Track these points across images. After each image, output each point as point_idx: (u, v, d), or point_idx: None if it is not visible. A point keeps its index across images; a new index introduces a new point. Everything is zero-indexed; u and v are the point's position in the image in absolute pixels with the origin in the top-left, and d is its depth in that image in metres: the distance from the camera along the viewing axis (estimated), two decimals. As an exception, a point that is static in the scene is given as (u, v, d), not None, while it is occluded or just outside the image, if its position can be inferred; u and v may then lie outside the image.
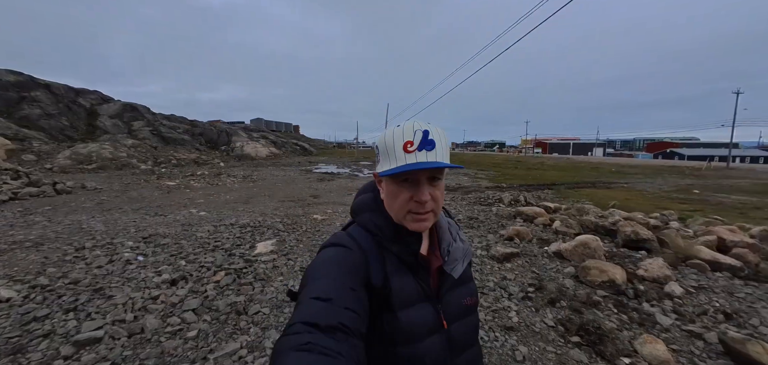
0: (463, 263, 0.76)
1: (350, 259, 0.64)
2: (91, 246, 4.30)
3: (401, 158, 0.63)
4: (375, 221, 0.71)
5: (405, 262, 0.69)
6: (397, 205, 0.67)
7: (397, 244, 0.69)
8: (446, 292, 0.74)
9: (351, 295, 0.58)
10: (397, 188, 0.66)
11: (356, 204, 0.77)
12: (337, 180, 15.20)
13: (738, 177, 21.56)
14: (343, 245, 0.67)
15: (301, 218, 6.57)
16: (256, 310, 2.70)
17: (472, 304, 0.78)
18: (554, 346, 2.31)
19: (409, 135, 0.63)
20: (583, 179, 18.05)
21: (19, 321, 2.42)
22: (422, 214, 0.65)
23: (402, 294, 0.66)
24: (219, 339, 2.30)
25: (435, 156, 0.63)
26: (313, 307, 0.54)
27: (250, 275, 3.44)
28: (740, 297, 3.11)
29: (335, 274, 0.60)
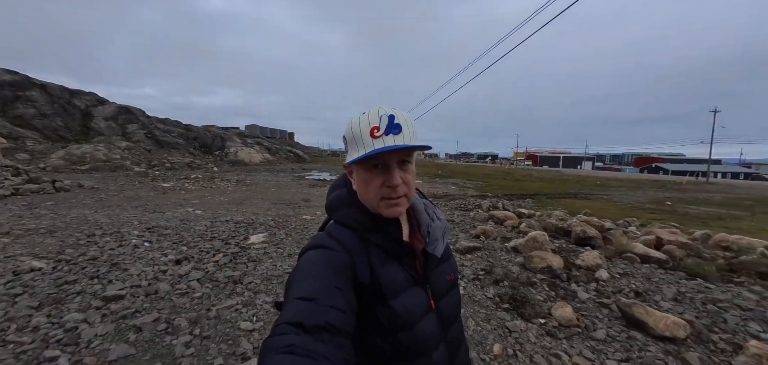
0: (443, 241, 0.78)
1: (334, 259, 0.64)
2: (100, 234, 4.82)
3: (369, 144, 0.64)
4: (352, 216, 0.71)
5: (389, 251, 0.70)
6: (370, 192, 0.67)
7: (378, 234, 0.69)
8: (432, 272, 0.75)
9: (337, 294, 0.58)
10: (368, 175, 0.66)
11: (331, 201, 0.77)
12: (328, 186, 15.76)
13: (714, 191, 22.62)
14: (325, 247, 0.66)
15: (291, 217, 7.13)
16: (249, 280, 3.28)
17: (454, 279, 0.81)
18: (486, 309, 2.93)
19: (375, 120, 0.64)
20: (566, 191, 18.88)
21: (53, 283, 2.96)
22: (395, 199, 0.66)
23: (392, 283, 0.67)
24: (219, 298, 2.88)
25: (402, 139, 0.64)
26: (297, 307, 0.54)
27: (244, 257, 4.01)
28: (654, 280, 3.78)
29: (319, 274, 0.60)
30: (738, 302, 3.24)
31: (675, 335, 2.54)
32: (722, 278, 4.00)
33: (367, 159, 0.63)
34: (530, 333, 2.58)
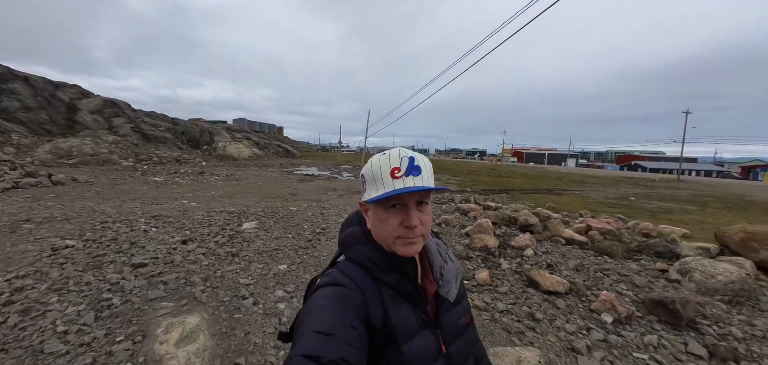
0: (456, 284, 0.78)
1: (349, 297, 0.65)
2: (111, 221, 5.62)
3: (389, 184, 0.65)
4: (367, 255, 0.71)
5: (402, 292, 0.70)
6: (386, 231, 0.68)
7: (393, 274, 0.70)
8: (444, 316, 0.76)
9: (352, 331, 0.59)
10: (385, 214, 0.68)
11: (344, 238, 0.78)
12: (316, 181, 16.56)
13: (682, 188, 24.32)
14: (340, 284, 0.67)
15: (279, 209, 7.99)
16: (244, 254, 4.19)
17: (466, 322, 0.81)
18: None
19: (396, 162, 0.67)
20: (542, 187, 20.18)
21: (88, 256, 3.81)
22: (412, 238, 0.67)
23: (404, 327, 0.67)
24: (222, 265, 3.79)
25: (421, 181, 0.67)
26: (314, 340, 0.55)
27: (239, 239, 4.90)
28: (567, 256, 4.84)
29: (335, 310, 0.61)
30: (620, 270, 4.32)
31: (557, 290, 3.58)
32: (625, 255, 5.09)
33: (386, 199, 0.65)
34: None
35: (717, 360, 2.57)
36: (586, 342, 2.64)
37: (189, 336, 2.27)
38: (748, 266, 4.39)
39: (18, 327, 2.38)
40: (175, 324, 2.39)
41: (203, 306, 2.84)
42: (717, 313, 3.25)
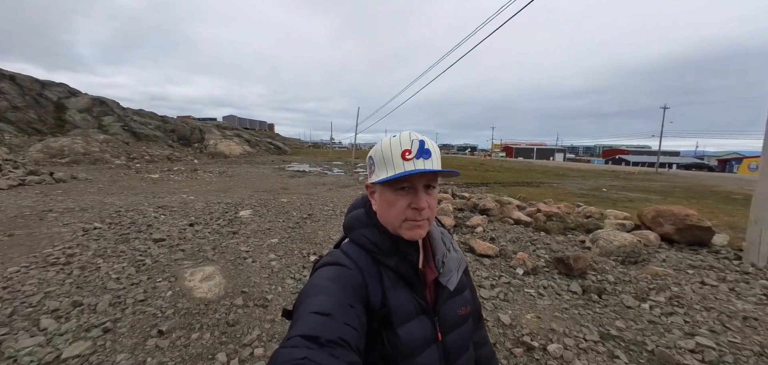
0: (457, 274, 0.79)
1: (348, 277, 0.66)
2: (124, 210, 6.54)
3: (400, 165, 0.66)
4: (370, 237, 0.73)
5: (402, 276, 0.72)
6: (393, 213, 0.69)
7: (394, 257, 0.71)
8: (442, 304, 0.76)
9: (350, 311, 0.60)
10: (394, 196, 0.69)
11: (349, 220, 0.79)
12: (306, 177, 17.49)
13: (657, 180, 25.86)
14: (341, 264, 0.69)
15: (272, 201, 8.95)
16: (243, 232, 5.21)
17: (466, 313, 0.81)
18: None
19: (407, 144, 0.68)
20: (523, 180, 21.44)
21: (115, 234, 4.77)
22: (419, 221, 0.69)
23: (401, 310, 0.69)
24: (225, 239, 4.79)
25: (431, 164, 0.68)
26: (312, 321, 0.56)
27: (237, 222, 5.90)
28: (509, 232, 5.93)
29: (334, 291, 0.62)
30: (546, 241, 5.44)
31: (488, 253, 4.66)
32: (559, 232, 6.22)
33: (395, 181, 0.67)
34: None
35: (587, 294, 3.67)
36: (491, 283, 3.72)
37: (208, 277, 3.27)
38: (652, 237, 5.57)
39: (82, 276, 3.36)
40: (196, 271, 3.39)
41: (215, 262, 3.85)
42: (604, 267, 4.38)
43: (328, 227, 5.88)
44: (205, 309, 2.82)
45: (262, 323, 2.70)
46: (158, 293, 3.06)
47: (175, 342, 2.36)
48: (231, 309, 2.87)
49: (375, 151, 0.72)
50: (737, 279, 4.19)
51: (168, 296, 3.00)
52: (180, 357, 2.21)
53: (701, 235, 5.57)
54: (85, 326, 2.51)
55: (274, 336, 2.54)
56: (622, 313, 3.23)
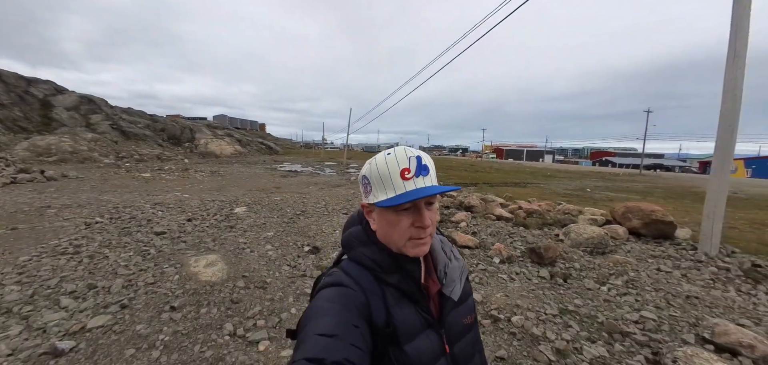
0: (460, 283, 0.79)
1: (351, 297, 0.66)
2: (122, 207, 6.75)
3: (400, 186, 0.65)
4: (369, 256, 0.72)
5: (405, 292, 0.71)
6: (396, 233, 0.68)
7: (396, 275, 0.71)
8: (448, 315, 0.76)
9: (355, 332, 0.60)
10: (396, 216, 0.67)
11: (347, 238, 0.78)
12: (298, 177, 17.72)
13: (640, 181, 26.82)
14: (343, 284, 0.69)
15: (265, 199, 9.23)
16: (239, 227, 5.52)
17: (471, 322, 0.81)
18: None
19: (404, 162, 0.67)
20: (511, 181, 22.06)
21: (117, 227, 5.04)
22: (424, 238, 0.68)
23: (406, 327, 0.68)
24: (223, 232, 5.09)
25: (431, 181, 0.68)
26: (317, 343, 0.56)
27: (233, 218, 6.20)
28: (490, 227, 6.37)
29: (337, 311, 0.62)
30: (523, 234, 5.89)
31: (468, 244, 5.07)
32: (537, 226, 6.68)
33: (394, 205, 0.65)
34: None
35: (554, 278, 4.11)
36: (468, 269, 4.13)
37: (210, 263, 3.59)
38: (620, 231, 6.08)
39: (92, 264, 3.64)
40: (200, 259, 3.71)
41: (216, 252, 4.16)
42: (572, 256, 4.83)
43: (320, 222, 6.22)
44: (211, 290, 3.15)
45: (263, 301, 3.04)
46: (166, 277, 3.37)
47: (186, 315, 2.69)
48: (234, 290, 3.21)
49: (370, 171, 0.71)
50: (690, 266, 4.69)
51: (176, 279, 3.31)
52: (192, 327, 2.54)
53: (665, 229, 6.09)
54: (102, 304, 2.82)
55: (273, 311, 2.89)
56: (582, 294, 3.67)
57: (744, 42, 4.93)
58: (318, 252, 4.52)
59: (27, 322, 2.52)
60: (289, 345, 2.37)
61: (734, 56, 4.95)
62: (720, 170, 5.16)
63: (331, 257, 4.38)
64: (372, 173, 0.70)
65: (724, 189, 5.16)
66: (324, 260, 4.25)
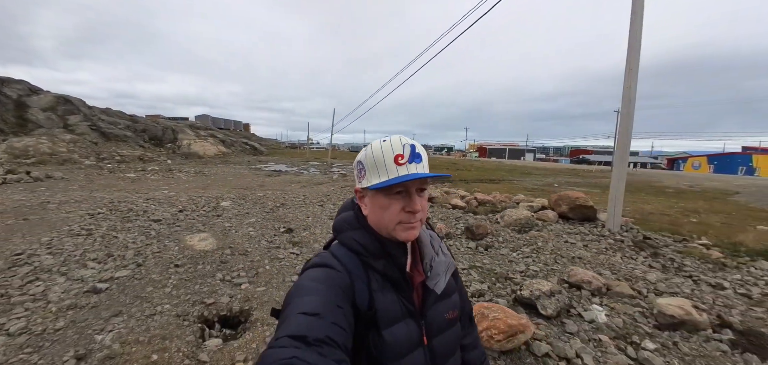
0: (445, 277, 0.81)
1: (336, 279, 0.68)
2: (117, 202, 7.58)
3: (393, 170, 0.69)
4: (358, 240, 0.75)
5: (390, 278, 0.74)
6: (387, 216, 0.72)
7: (382, 260, 0.74)
8: (429, 308, 0.79)
9: (338, 311, 0.62)
10: (388, 200, 0.71)
11: (338, 222, 0.81)
12: (282, 176, 18.57)
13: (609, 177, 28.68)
14: (328, 266, 0.71)
15: (249, 195, 10.15)
16: (226, 216, 6.51)
17: (454, 317, 0.84)
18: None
19: (399, 148, 0.70)
20: (486, 177, 23.48)
21: (118, 217, 5.93)
22: (413, 223, 0.72)
23: (387, 312, 0.71)
24: (212, 220, 6.05)
25: (423, 168, 0.72)
26: (300, 321, 0.58)
27: (219, 210, 7.15)
28: (443, 214, 7.53)
29: (322, 291, 0.64)
30: (468, 218, 7.07)
31: (419, 226, 6.20)
32: (485, 213, 7.89)
33: (389, 186, 0.68)
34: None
35: (479, 248, 5.26)
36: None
37: (203, 239, 4.59)
38: (550, 214, 7.34)
39: (106, 241, 4.58)
40: (194, 235, 4.71)
41: (207, 232, 5.15)
42: (501, 233, 6.03)
43: (297, 212, 7.24)
44: (204, 255, 4.16)
45: (244, 262, 4.08)
46: (168, 248, 4.35)
47: (187, 269, 3.71)
48: (222, 255, 4.23)
49: (365, 156, 0.74)
50: (593, 239, 5.97)
51: (176, 249, 4.30)
52: (192, 276, 3.56)
53: (587, 212, 7.40)
54: (121, 264, 3.79)
55: (252, 268, 3.93)
56: (495, 257, 4.84)
57: (636, 58, 6.25)
58: (291, 232, 5.57)
59: (66, 276, 3.47)
60: (266, 303, 3.38)
61: (629, 70, 6.27)
62: (620, 162, 6.48)
63: (302, 236, 5.43)
64: (367, 158, 0.73)
65: (623, 178, 6.49)
66: (296, 238, 5.29)
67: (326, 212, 7.45)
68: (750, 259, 5.26)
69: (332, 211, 7.66)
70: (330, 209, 7.85)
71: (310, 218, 6.75)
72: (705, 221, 8.27)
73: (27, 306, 2.87)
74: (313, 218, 6.72)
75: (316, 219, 6.66)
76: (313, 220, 6.58)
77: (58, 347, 2.35)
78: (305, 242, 5.05)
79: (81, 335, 2.49)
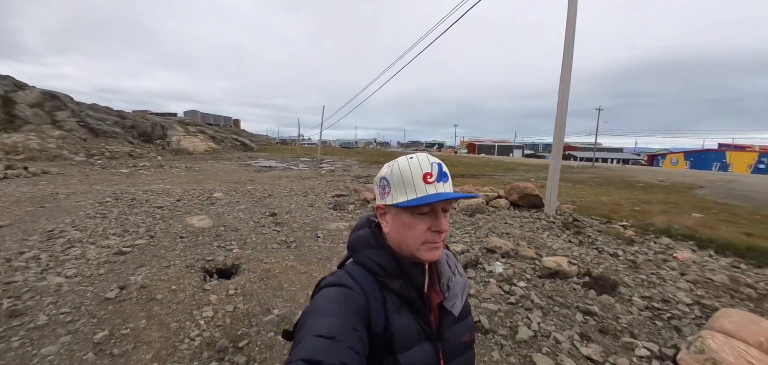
0: (462, 298, 0.81)
1: (352, 299, 0.68)
2: (119, 194, 8.56)
3: (422, 189, 0.69)
4: (375, 259, 0.74)
5: (406, 299, 0.74)
6: (412, 235, 0.71)
7: (399, 280, 0.73)
8: (446, 330, 0.78)
9: (353, 335, 0.62)
10: (413, 219, 0.70)
11: (353, 241, 0.80)
12: (272, 172, 19.55)
13: (588, 173, 30.37)
14: (345, 286, 0.71)
15: (239, 189, 11.19)
16: (219, 203, 7.59)
17: (469, 340, 0.83)
18: (324, 209, 7.55)
19: (427, 167, 0.70)
20: (470, 173, 24.81)
21: (126, 204, 6.96)
22: (438, 242, 0.72)
23: (403, 335, 0.70)
24: (206, 206, 7.14)
25: (450, 187, 0.72)
26: (314, 344, 0.58)
27: (214, 199, 8.22)
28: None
29: (338, 313, 0.64)
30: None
31: (385, 211, 7.39)
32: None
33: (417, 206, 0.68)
34: (340, 220, 7.24)
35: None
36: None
37: (201, 220, 5.69)
38: (502, 202, 8.59)
39: (120, 220, 5.63)
40: (193, 216, 5.81)
41: (203, 214, 6.23)
42: (452, 215, 7.22)
43: (282, 201, 8.35)
44: (203, 231, 5.27)
45: (235, 235, 5.23)
46: (173, 226, 5.45)
47: (190, 240, 4.82)
48: (217, 231, 5.35)
49: (392, 173, 0.73)
50: (530, 221, 7.21)
51: (180, 227, 5.41)
52: (194, 244, 4.68)
53: (534, 200, 8.66)
54: (137, 237, 4.88)
55: (241, 239, 5.05)
56: (441, 234, 6.03)
57: (569, 68, 7.48)
58: (275, 216, 6.70)
59: (95, 245, 4.54)
60: (251, 261, 4.48)
61: (563, 82, 7.51)
62: (555, 156, 7.74)
63: (284, 218, 6.54)
64: (393, 174, 0.73)
65: (557, 169, 7.76)
66: (278, 219, 6.41)
67: (308, 201, 8.59)
68: (655, 236, 6.58)
69: (314, 200, 8.78)
70: (312, 199, 8.99)
71: (293, 205, 7.86)
72: (646, 210, 9.60)
73: (73, 262, 3.95)
74: (296, 206, 7.85)
75: (298, 206, 7.79)
76: (295, 207, 7.71)
77: (104, 283, 3.45)
78: (286, 223, 6.17)
79: (119, 276, 3.59)
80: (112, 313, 2.89)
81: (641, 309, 3.45)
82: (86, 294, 3.20)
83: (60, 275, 3.57)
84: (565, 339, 2.80)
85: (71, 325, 2.70)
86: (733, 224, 7.98)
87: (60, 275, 3.57)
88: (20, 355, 2.34)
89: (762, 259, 5.55)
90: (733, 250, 5.94)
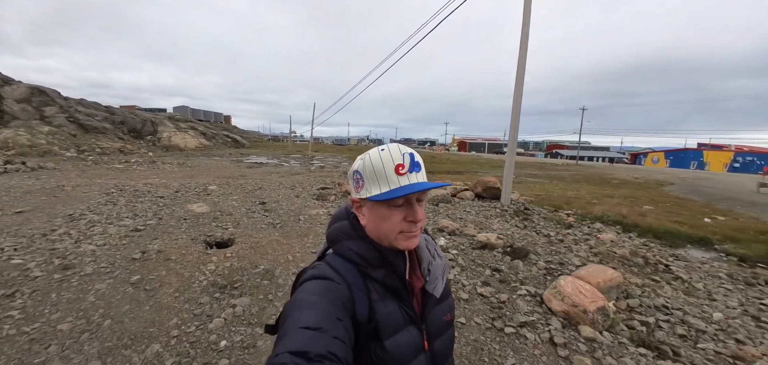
0: (443, 280, 0.84)
1: (335, 291, 0.69)
2: (121, 186, 9.52)
3: (394, 180, 0.70)
4: (356, 250, 0.76)
5: (390, 288, 0.76)
6: (388, 226, 0.73)
7: (381, 270, 0.75)
8: (429, 312, 0.82)
9: (338, 325, 0.63)
10: (389, 210, 0.72)
11: (333, 232, 0.81)
12: (263, 168, 20.49)
13: (573, 170, 31.82)
14: (328, 278, 0.72)
15: (232, 183, 12.20)
16: (213, 195, 8.65)
17: (451, 319, 0.87)
18: (308, 199, 8.65)
19: (399, 158, 0.72)
20: (456, 169, 26.04)
21: (130, 195, 7.97)
22: (415, 232, 0.74)
23: (388, 322, 0.73)
24: (203, 196, 8.18)
25: (423, 177, 0.74)
26: (300, 336, 0.58)
27: (209, 191, 9.26)
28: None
29: (322, 305, 0.65)
30: (405, 197, 9.43)
31: (362, 201, 8.53)
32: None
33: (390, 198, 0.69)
34: (320, 208, 8.35)
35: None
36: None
37: (200, 206, 6.76)
38: (468, 194, 9.80)
39: (129, 206, 6.65)
40: (193, 204, 6.87)
41: (202, 203, 7.28)
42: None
43: (271, 193, 9.41)
44: (202, 215, 6.36)
45: (230, 218, 6.33)
46: (176, 211, 6.51)
47: (193, 221, 5.91)
48: (215, 215, 6.44)
49: (363, 166, 0.74)
50: (487, 209, 8.41)
51: (182, 212, 6.47)
52: (195, 224, 5.76)
53: (497, 192, 9.88)
54: (147, 219, 5.92)
55: (234, 221, 6.11)
56: (406, 219, 7.19)
57: (522, 76, 8.68)
58: (264, 204, 7.76)
59: (114, 224, 5.57)
60: (243, 237, 5.57)
61: (517, 85, 8.71)
62: (510, 153, 8.97)
63: (272, 206, 7.61)
64: (365, 168, 0.74)
65: (512, 165, 9.00)
66: (267, 207, 7.48)
67: (295, 193, 9.67)
68: (590, 221, 7.83)
69: (301, 192, 9.86)
70: (298, 191, 10.07)
71: (281, 196, 8.94)
72: (603, 202, 10.77)
73: (99, 236, 5.00)
74: (284, 197, 8.94)
75: (286, 197, 8.87)
76: (282, 197, 8.79)
77: (127, 249, 4.51)
78: (273, 210, 7.25)
79: (139, 245, 4.67)
80: (139, 267, 3.98)
81: (540, 270, 4.64)
82: (116, 256, 4.26)
83: (92, 244, 4.61)
84: (470, 284, 3.97)
85: (111, 274, 3.78)
86: (672, 214, 9.16)
87: (92, 244, 4.61)
88: (80, 289, 3.41)
89: (673, 240, 6.85)
90: (653, 233, 7.22)
